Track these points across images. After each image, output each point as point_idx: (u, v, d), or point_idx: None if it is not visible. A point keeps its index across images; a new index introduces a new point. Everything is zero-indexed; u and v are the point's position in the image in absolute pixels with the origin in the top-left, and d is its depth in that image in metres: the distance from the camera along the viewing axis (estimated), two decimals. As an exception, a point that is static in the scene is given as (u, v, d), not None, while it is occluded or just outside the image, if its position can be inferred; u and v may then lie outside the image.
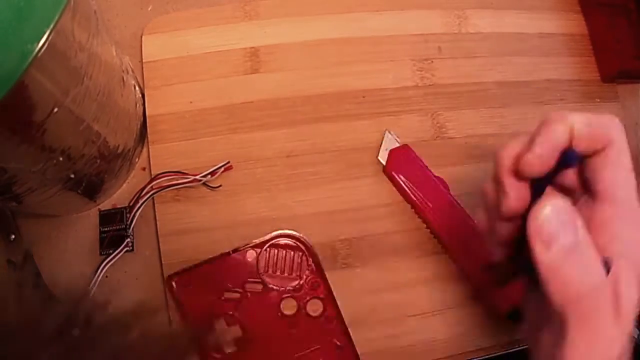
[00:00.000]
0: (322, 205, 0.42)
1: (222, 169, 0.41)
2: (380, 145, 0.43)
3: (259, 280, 0.39)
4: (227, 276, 0.39)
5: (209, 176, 0.41)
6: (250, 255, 0.40)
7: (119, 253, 0.40)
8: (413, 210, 0.42)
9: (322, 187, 0.42)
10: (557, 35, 0.49)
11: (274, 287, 0.39)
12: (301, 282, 0.40)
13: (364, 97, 0.45)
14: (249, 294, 0.39)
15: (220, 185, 0.42)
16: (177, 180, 0.41)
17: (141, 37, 0.44)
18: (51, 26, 0.22)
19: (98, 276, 0.39)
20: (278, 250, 0.40)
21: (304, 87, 0.44)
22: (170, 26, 0.44)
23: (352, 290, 0.40)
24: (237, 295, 0.39)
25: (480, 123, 0.45)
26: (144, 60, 0.44)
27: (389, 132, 0.43)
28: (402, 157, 0.42)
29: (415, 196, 0.41)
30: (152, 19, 0.44)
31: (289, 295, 0.39)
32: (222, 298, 0.39)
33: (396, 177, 0.42)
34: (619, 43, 0.47)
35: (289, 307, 0.39)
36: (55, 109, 0.27)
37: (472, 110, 0.45)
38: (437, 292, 0.41)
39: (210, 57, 0.44)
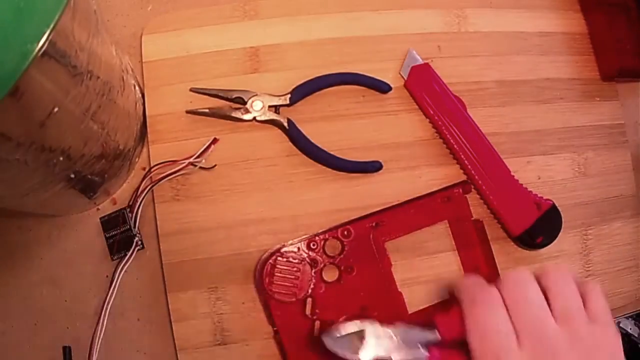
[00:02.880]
0: (323, 204, 0.42)
1: (211, 146, 0.42)
2: (403, 62, 0.45)
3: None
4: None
5: (203, 161, 0.41)
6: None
7: (132, 254, 0.41)
8: (431, 125, 0.45)
9: (323, 187, 0.43)
10: (557, 34, 0.49)
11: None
12: None
13: (363, 96, 0.45)
14: None
15: (215, 165, 0.42)
16: (172, 169, 0.41)
17: (141, 37, 0.44)
18: (51, 26, 0.22)
19: (117, 279, 0.40)
20: None
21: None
22: (170, 26, 0.44)
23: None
24: None
25: (480, 122, 0.45)
26: (143, 60, 0.44)
27: (412, 50, 0.45)
28: (423, 74, 0.44)
29: (433, 111, 0.44)
30: (152, 19, 0.44)
31: None
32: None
33: (416, 92, 0.44)
34: (618, 42, 0.47)
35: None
36: (55, 109, 0.27)
37: (472, 109, 0.45)
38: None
39: (210, 56, 0.44)
